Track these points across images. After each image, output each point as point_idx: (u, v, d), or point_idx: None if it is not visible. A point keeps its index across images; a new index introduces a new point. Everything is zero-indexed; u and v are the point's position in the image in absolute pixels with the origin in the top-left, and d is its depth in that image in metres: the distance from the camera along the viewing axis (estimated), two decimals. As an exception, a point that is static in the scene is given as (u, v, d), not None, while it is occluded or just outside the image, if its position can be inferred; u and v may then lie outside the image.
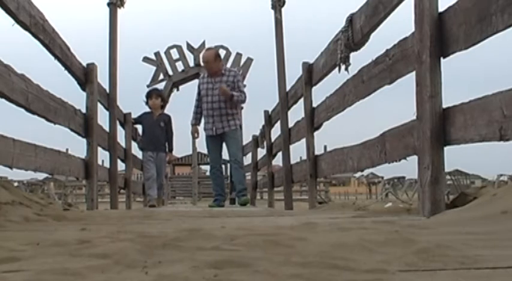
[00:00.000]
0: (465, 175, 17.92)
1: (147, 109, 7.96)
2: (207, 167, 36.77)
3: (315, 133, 5.87)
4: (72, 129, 5.36)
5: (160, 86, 12.35)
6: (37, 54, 4.73)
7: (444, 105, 2.78)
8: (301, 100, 6.13)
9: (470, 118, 2.52)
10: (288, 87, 7.11)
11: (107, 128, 7.01)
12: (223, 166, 8.53)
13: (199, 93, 7.35)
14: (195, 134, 7.64)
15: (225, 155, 7.60)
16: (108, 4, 7.39)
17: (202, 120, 7.36)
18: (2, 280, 1.11)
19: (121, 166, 8.40)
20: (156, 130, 7.79)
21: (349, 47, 4.22)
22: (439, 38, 2.79)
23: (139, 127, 8.90)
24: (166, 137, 7.99)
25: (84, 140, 5.91)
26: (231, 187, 9.33)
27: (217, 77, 7.18)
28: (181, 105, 7.50)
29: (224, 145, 7.41)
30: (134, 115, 8.63)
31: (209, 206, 7.18)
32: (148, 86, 8.03)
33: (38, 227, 2.48)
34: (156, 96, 8.01)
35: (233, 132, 7.29)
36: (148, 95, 7.96)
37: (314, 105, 5.82)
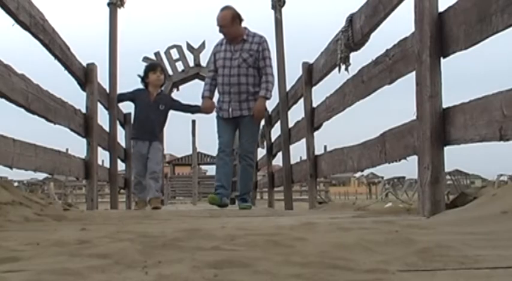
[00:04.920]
0: (465, 175, 17.94)
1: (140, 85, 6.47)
2: (207, 167, 36.84)
3: (315, 133, 5.87)
4: (72, 129, 5.36)
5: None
6: (37, 54, 4.73)
7: (444, 105, 2.78)
8: (301, 100, 6.13)
9: (470, 118, 2.52)
10: (288, 87, 7.11)
11: (107, 128, 7.00)
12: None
13: (214, 63, 6.04)
14: (209, 109, 6.12)
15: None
16: (108, 4, 7.38)
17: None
18: (2, 280, 1.11)
19: (121, 166, 8.38)
20: (152, 114, 6.29)
21: (349, 47, 4.22)
22: (439, 38, 2.79)
23: (126, 107, 7.83)
24: (163, 124, 6.52)
25: (84, 140, 5.91)
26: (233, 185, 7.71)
27: (237, 44, 5.91)
28: (181, 105, 7.15)
29: (237, 132, 6.15)
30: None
31: (209, 201, 5.93)
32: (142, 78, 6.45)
33: (38, 227, 2.48)
34: (161, 71, 6.52)
35: (252, 118, 5.96)
36: (152, 68, 6.44)
37: (314, 105, 5.82)
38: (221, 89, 5.98)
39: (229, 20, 5.83)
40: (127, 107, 8.41)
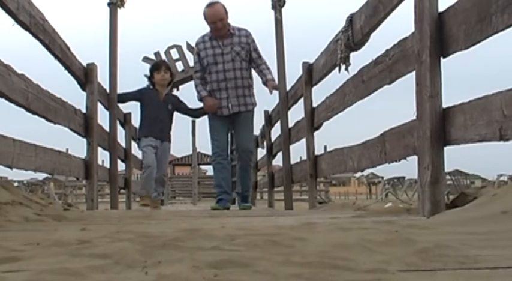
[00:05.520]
0: (465, 175, 17.92)
1: (144, 85, 6.47)
2: (207, 167, 36.83)
3: (315, 133, 5.88)
4: (72, 129, 5.37)
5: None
6: (37, 54, 4.74)
7: (444, 105, 2.78)
8: (301, 100, 6.13)
9: (470, 118, 2.52)
10: (288, 87, 7.11)
11: (107, 128, 7.01)
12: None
13: (199, 62, 5.87)
14: (213, 107, 5.80)
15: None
16: (108, 4, 7.37)
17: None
18: (2, 280, 1.11)
19: (121, 166, 8.38)
20: (162, 114, 6.22)
21: (349, 47, 4.22)
22: (439, 38, 2.79)
23: (126, 107, 7.85)
24: (172, 124, 6.41)
25: (84, 140, 5.92)
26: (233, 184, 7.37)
27: (225, 38, 5.75)
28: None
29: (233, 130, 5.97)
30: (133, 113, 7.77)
31: (212, 208, 5.71)
32: (148, 78, 6.41)
33: (38, 227, 2.48)
34: (166, 70, 6.39)
35: (248, 114, 5.90)
36: (156, 68, 6.38)
37: (314, 105, 5.82)
38: (216, 86, 5.79)
39: (225, 13, 5.72)
40: (127, 107, 8.43)
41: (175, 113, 6.58)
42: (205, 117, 6.29)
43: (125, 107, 8.48)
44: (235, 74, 5.76)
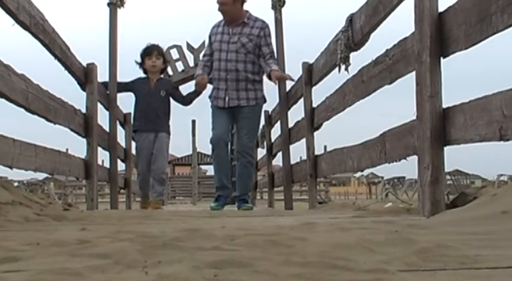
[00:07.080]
0: (465, 175, 17.93)
1: (142, 75, 6.11)
2: (207, 167, 36.82)
3: (315, 133, 5.88)
4: (72, 129, 5.37)
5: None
6: (37, 54, 4.74)
7: (444, 105, 2.78)
8: (301, 100, 6.13)
9: (470, 118, 2.52)
10: (288, 87, 7.11)
11: (107, 128, 7.00)
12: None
13: (209, 46, 5.61)
14: (201, 82, 5.59)
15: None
16: (108, 4, 7.37)
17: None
18: (2, 280, 1.11)
19: (121, 166, 8.37)
20: (154, 102, 5.84)
21: (349, 47, 4.22)
22: (439, 38, 2.79)
23: (126, 107, 7.66)
24: (168, 112, 5.96)
25: (84, 140, 5.92)
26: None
27: (237, 26, 5.46)
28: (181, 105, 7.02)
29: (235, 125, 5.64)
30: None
31: (211, 208, 5.50)
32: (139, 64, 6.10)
33: (38, 227, 2.49)
34: (158, 55, 5.95)
35: (251, 109, 5.51)
36: (147, 53, 5.92)
37: (314, 105, 5.82)
38: (217, 75, 5.49)
39: (232, 0, 5.37)
40: (127, 106, 8.41)
41: (177, 113, 6.34)
42: (208, 115, 6.00)
43: (125, 107, 8.48)
44: (237, 66, 5.41)
